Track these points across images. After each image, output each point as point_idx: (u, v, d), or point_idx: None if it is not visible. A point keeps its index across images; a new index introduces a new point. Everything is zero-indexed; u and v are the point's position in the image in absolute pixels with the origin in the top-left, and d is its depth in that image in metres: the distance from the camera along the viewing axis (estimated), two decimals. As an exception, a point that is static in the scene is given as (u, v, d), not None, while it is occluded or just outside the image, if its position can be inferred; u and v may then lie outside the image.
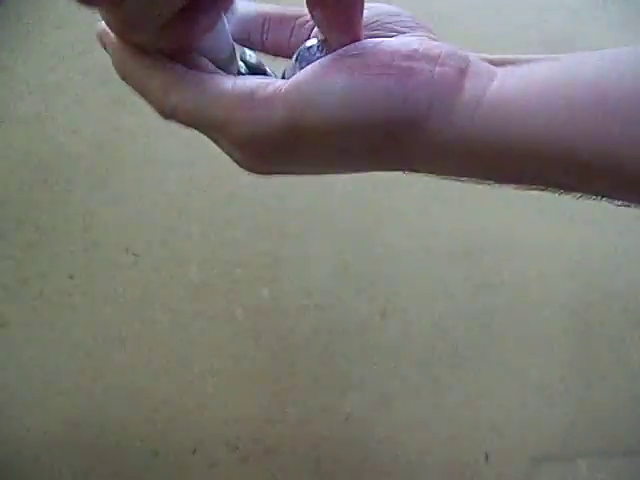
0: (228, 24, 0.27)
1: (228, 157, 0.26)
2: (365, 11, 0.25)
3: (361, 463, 0.62)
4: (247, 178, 0.68)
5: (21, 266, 0.60)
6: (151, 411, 0.60)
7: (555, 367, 0.66)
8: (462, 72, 0.23)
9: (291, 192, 0.63)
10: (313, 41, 0.26)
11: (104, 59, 0.28)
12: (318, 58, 0.25)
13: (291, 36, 0.28)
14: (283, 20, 0.29)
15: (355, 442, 0.62)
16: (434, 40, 0.25)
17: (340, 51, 0.24)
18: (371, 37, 0.25)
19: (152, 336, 0.60)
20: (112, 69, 0.27)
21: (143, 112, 0.70)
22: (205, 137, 0.27)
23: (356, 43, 0.24)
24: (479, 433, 0.64)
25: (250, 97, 0.24)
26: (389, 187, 0.66)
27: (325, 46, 0.26)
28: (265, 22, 0.29)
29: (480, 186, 0.25)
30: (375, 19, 0.27)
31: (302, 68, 0.24)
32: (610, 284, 0.67)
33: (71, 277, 0.60)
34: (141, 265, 0.61)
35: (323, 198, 0.64)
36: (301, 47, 0.26)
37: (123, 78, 0.28)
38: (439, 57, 0.23)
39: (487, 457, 0.63)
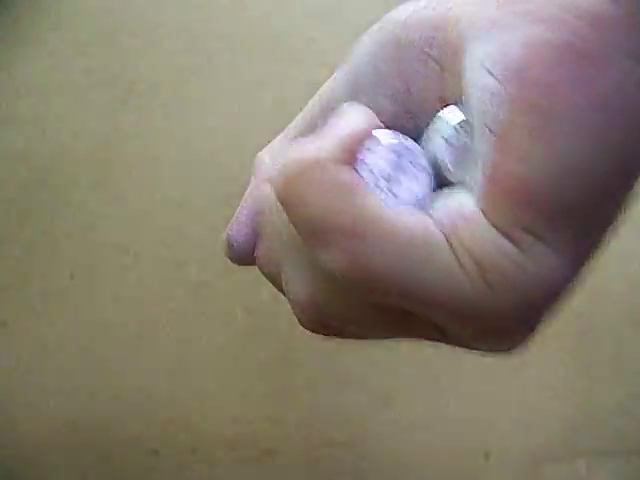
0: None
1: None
2: None
3: (361, 463, 0.62)
4: (247, 178, 0.68)
5: (21, 266, 0.60)
6: (151, 411, 0.60)
7: (555, 367, 0.66)
8: None
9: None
10: (455, 116, 0.18)
11: (104, 59, 0.28)
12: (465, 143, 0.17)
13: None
14: None
15: (355, 442, 0.62)
16: None
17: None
18: None
19: (152, 336, 0.60)
20: (112, 69, 0.26)
21: (143, 112, 0.71)
22: (205, 137, 0.25)
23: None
24: (479, 433, 0.64)
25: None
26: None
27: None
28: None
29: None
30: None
31: (455, 153, 0.17)
32: (610, 284, 0.67)
33: (71, 277, 0.60)
34: (141, 265, 0.61)
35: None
36: (444, 122, 0.18)
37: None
38: None
39: (487, 457, 0.63)
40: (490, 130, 0.15)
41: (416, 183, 0.17)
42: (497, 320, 0.16)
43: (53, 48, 0.62)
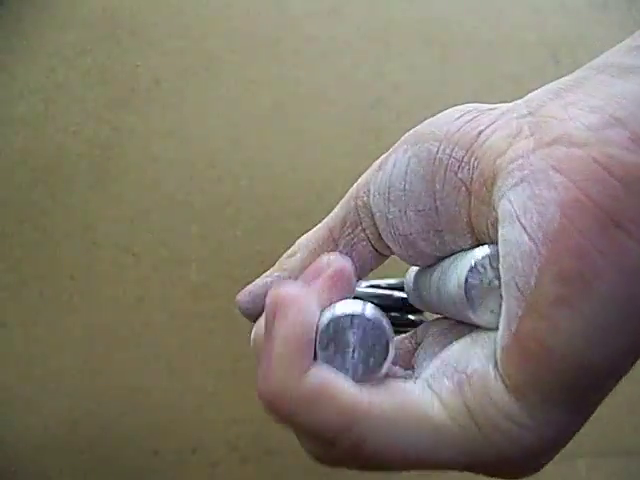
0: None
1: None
2: None
3: (361, 463, 0.62)
4: (247, 178, 0.68)
5: (21, 266, 0.60)
6: (151, 411, 0.60)
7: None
8: None
9: (291, 192, 0.63)
10: (484, 250, 0.17)
11: (104, 59, 0.28)
12: (492, 283, 0.17)
13: None
14: None
15: (355, 442, 0.61)
16: None
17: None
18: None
19: (152, 336, 0.60)
20: (112, 69, 0.26)
21: (143, 112, 0.70)
22: (205, 137, 0.26)
23: None
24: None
25: None
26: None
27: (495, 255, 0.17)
28: None
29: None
30: None
31: (474, 300, 0.17)
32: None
33: (71, 277, 0.60)
34: (141, 265, 0.61)
35: (323, 198, 0.64)
36: (471, 265, 0.17)
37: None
38: None
39: (487, 457, 0.63)
40: (519, 288, 0.15)
41: (380, 357, 0.18)
42: (505, 468, 0.17)
43: (53, 48, 0.62)
